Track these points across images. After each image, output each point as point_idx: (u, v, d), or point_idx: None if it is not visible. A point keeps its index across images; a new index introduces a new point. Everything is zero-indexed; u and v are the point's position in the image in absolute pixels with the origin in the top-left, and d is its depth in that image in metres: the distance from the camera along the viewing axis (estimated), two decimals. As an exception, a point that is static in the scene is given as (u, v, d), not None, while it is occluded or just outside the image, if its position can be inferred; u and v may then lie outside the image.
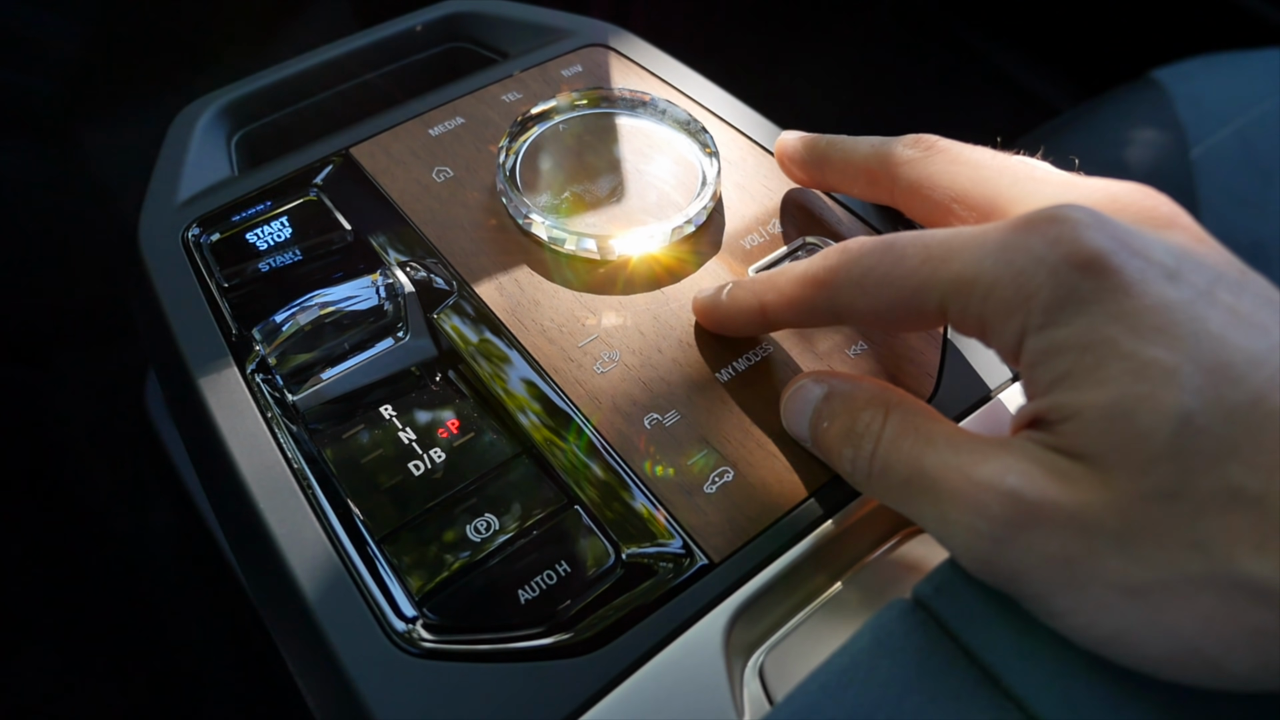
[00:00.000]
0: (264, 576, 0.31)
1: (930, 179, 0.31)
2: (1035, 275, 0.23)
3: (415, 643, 0.27)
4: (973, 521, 0.23)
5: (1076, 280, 0.22)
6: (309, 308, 0.35)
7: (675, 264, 0.37)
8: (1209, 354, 0.21)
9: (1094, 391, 0.22)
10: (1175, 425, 0.20)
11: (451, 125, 0.44)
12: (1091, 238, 0.22)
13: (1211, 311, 0.22)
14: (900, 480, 0.26)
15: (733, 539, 0.29)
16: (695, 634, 0.28)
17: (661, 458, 0.31)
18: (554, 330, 0.35)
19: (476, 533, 0.30)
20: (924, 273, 0.25)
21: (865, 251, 0.27)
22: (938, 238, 0.25)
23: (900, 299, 0.26)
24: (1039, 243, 0.23)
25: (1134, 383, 0.21)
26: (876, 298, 0.27)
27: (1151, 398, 0.21)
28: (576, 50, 0.48)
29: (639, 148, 0.41)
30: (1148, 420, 0.21)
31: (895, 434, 0.26)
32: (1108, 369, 0.21)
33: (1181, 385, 0.20)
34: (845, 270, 0.28)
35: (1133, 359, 0.21)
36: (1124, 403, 0.21)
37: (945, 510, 0.24)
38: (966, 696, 0.23)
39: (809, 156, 0.37)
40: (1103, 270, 0.22)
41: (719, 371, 0.34)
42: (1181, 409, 0.20)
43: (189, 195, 0.41)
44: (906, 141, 0.33)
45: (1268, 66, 0.74)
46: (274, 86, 0.48)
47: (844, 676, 0.23)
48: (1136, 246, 0.23)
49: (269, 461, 0.32)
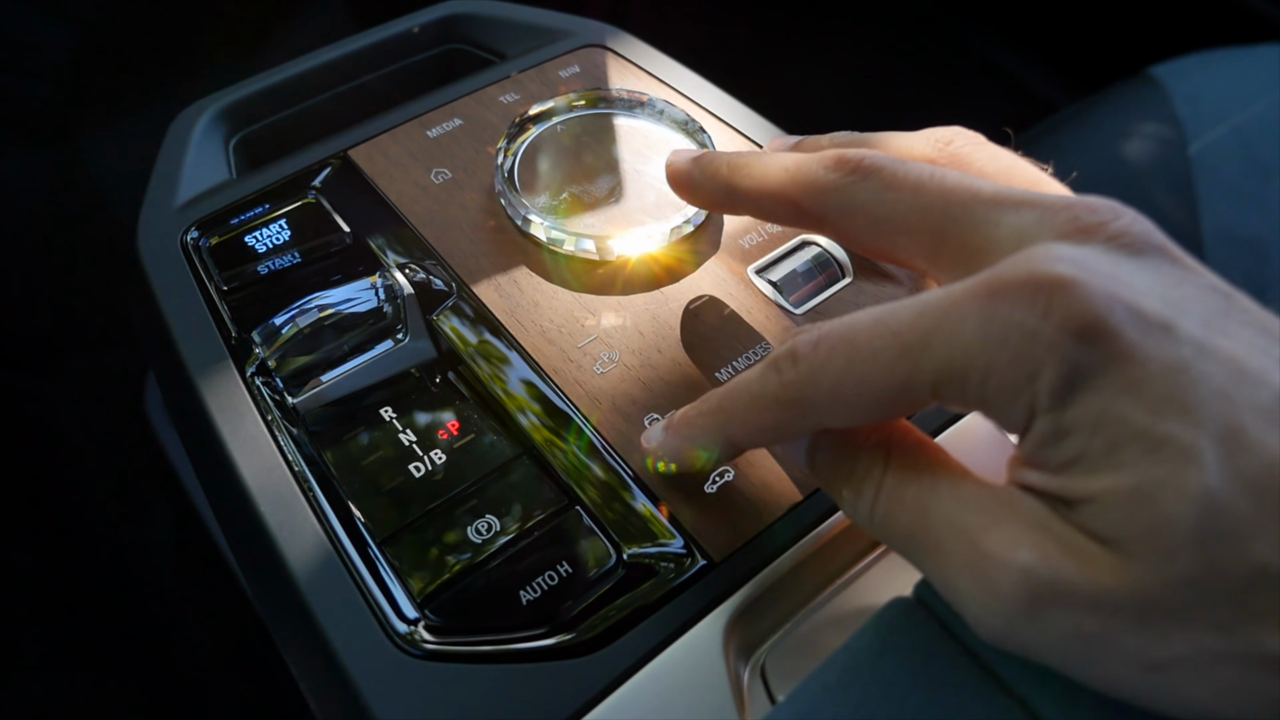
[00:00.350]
0: (265, 579, 0.31)
1: (865, 209, 0.27)
2: (1033, 353, 0.21)
3: (417, 644, 0.27)
4: (983, 597, 0.22)
5: (1079, 354, 0.20)
6: (308, 310, 0.35)
7: (674, 264, 0.37)
8: (1220, 420, 0.20)
9: (1111, 476, 0.20)
10: (1199, 509, 0.19)
11: (449, 127, 0.44)
12: (1084, 301, 0.20)
13: (1214, 368, 0.20)
14: (903, 534, 0.24)
15: (733, 539, 0.29)
16: (697, 634, 0.28)
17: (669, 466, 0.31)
18: (553, 331, 0.35)
19: (477, 534, 0.30)
20: (904, 368, 0.22)
21: (826, 355, 0.24)
22: (904, 321, 0.23)
23: (885, 400, 0.23)
24: (1028, 315, 0.21)
25: (1153, 465, 0.20)
26: (857, 405, 0.24)
27: (1172, 481, 0.19)
28: (574, 51, 0.48)
29: (637, 148, 0.41)
30: (1171, 506, 0.19)
31: (897, 483, 0.24)
32: (1124, 452, 0.20)
33: (1201, 464, 0.19)
34: (813, 382, 0.24)
35: (1147, 438, 0.20)
36: (1144, 487, 0.20)
37: (952, 577, 0.22)
38: (968, 694, 0.23)
39: (710, 179, 0.32)
40: (1101, 336, 0.20)
41: (719, 371, 0.34)
42: (1203, 490, 0.19)
43: (188, 198, 0.41)
44: (827, 163, 0.28)
45: (1265, 63, 0.74)
46: (272, 89, 0.48)
47: (846, 675, 0.23)
48: (1127, 299, 0.21)
49: (270, 464, 0.32)
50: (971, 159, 0.29)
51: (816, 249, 0.37)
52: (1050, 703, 0.22)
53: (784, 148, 0.34)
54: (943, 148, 0.30)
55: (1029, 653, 0.22)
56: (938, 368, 0.22)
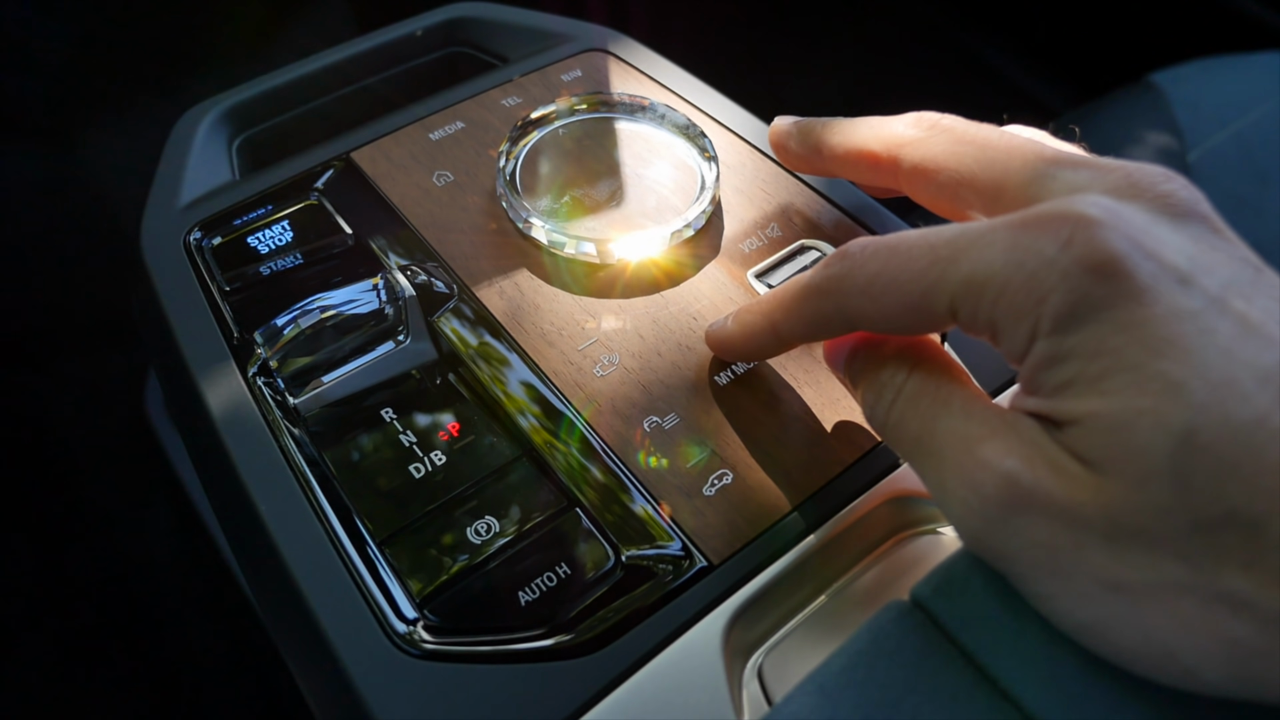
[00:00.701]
0: (265, 579, 0.31)
1: (935, 161, 0.30)
2: (1046, 279, 0.22)
3: (416, 644, 0.27)
4: (967, 496, 0.23)
5: (1088, 285, 0.21)
6: (310, 311, 0.35)
7: (674, 268, 0.37)
8: (1216, 369, 0.20)
9: (1097, 401, 0.21)
10: (1176, 442, 0.20)
11: (452, 129, 0.44)
12: (1105, 239, 0.22)
13: (1221, 322, 0.21)
14: (911, 438, 0.26)
15: (732, 541, 0.30)
16: (694, 635, 0.28)
17: (661, 460, 0.32)
18: (554, 333, 0.35)
19: (477, 535, 0.30)
20: (932, 275, 0.24)
21: (869, 255, 0.26)
22: (944, 236, 0.24)
23: (909, 303, 0.25)
24: (1050, 244, 0.22)
25: (1138, 395, 0.21)
26: (885, 303, 0.26)
27: (1154, 412, 0.20)
28: (576, 55, 0.48)
29: (638, 152, 0.41)
30: (1148, 435, 0.20)
31: (915, 391, 0.26)
32: (1113, 380, 0.21)
33: (1186, 401, 0.20)
34: (850, 277, 0.26)
35: (1139, 371, 0.21)
36: (1125, 415, 0.21)
37: (945, 478, 0.24)
38: (964, 697, 0.23)
39: (805, 140, 0.36)
40: (1115, 274, 0.21)
41: (718, 375, 0.34)
42: (1184, 426, 0.20)
43: (191, 199, 0.42)
44: (908, 120, 0.31)
45: (1265, 70, 0.74)
46: (275, 91, 0.48)
47: (842, 677, 0.24)
48: (1150, 248, 0.22)
49: (271, 464, 0.32)
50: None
51: (815, 253, 0.38)
52: (1047, 705, 0.22)
53: (789, 124, 0.37)
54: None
55: (1002, 561, 0.23)
56: (961, 280, 0.23)
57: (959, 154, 0.29)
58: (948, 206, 0.30)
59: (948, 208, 0.30)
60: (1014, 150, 0.28)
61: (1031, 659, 0.23)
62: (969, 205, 0.29)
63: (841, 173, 0.35)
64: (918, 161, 0.30)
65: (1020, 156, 0.27)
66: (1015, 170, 0.27)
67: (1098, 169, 0.25)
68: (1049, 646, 0.23)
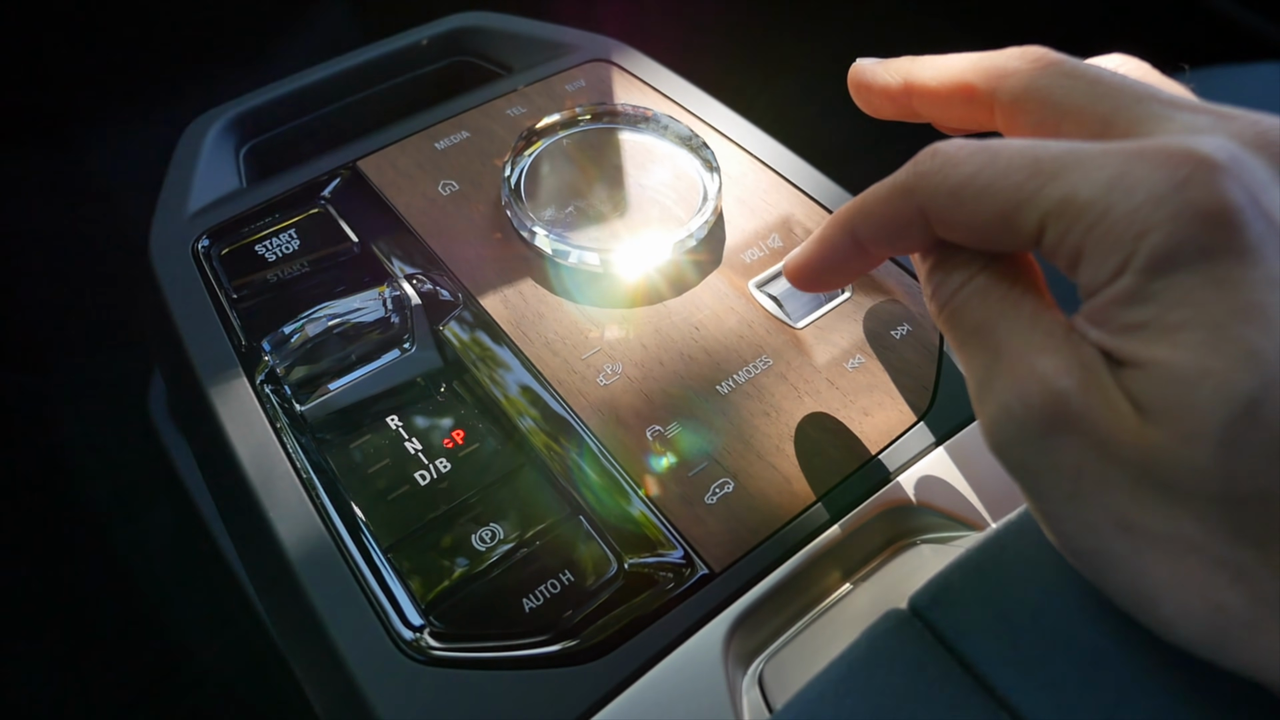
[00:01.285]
0: (272, 585, 0.31)
1: (1040, 93, 0.27)
2: (1153, 215, 0.21)
3: (422, 650, 0.28)
4: (1011, 402, 0.22)
5: (1195, 231, 0.20)
6: (317, 319, 0.36)
7: (677, 277, 0.38)
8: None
9: (1167, 349, 0.20)
10: (1236, 411, 0.19)
11: (457, 139, 0.44)
12: (1224, 187, 0.20)
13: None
14: (970, 326, 0.25)
15: (733, 549, 0.30)
16: (696, 643, 0.28)
17: (663, 469, 0.32)
18: (557, 342, 0.36)
19: (481, 542, 0.31)
20: (1030, 188, 0.23)
21: (964, 157, 0.24)
22: (1051, 150, 0.23)
23: (998, 214, 0.23)
24: (1165, 180, 0.21)
25: (1210, 354, 0.20)
26: (973, 210, 0.24)
27: (1223, 375, 0.20)
28: (580, 65, 0.49)
29: (641, 162, 0.41)
30: (1209, 396, 0.20)
31: (988, 282, 0.25)
32: (1190, 332, 0.20)
33: (1259, 371, 0.19)
34: (942, 175, 0.25)
35: (1219, 331, 0.20)
36: (1191, 371, 0.20)
37: (993, 378, 0.23)
38: (961, 706, 0.23)
39: (894, 78, 0.33)
40: (1224, 227, 0.20)
41: (720, 384, 0.34)
42: (1249, 396, 0.19)
43: (198, 207, 0.42)
44: (1013, 54, 0.29)
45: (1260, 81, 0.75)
46: (282, 99, 0.48)
47: (841, 685, 0.24)
48: (1266, 205, 0.21)
49: (278, 471, 0.32)
50: (1146, 78, 0.29)
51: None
52: (1043, 714, 0.23)
53: (873, 61, 0.34)
54: (1116, 66, 0.30)
55: (1022, 473, 0.23)
56: (1060, 197, 0.22)
57: (1066, 87, 0.27)
58: None
59: None
60: (1126, 88, 0.25)
61: (1028, 668, 0.23)
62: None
63: (928, 110, 0.32)
64: (1020, 92, 0.28)
65: (1134, 94, 0.25)
66: (1127, 106, 0.25)
67: (1220, 115, 0.23)
68: (1047, 656, 0.23)
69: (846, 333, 0.36)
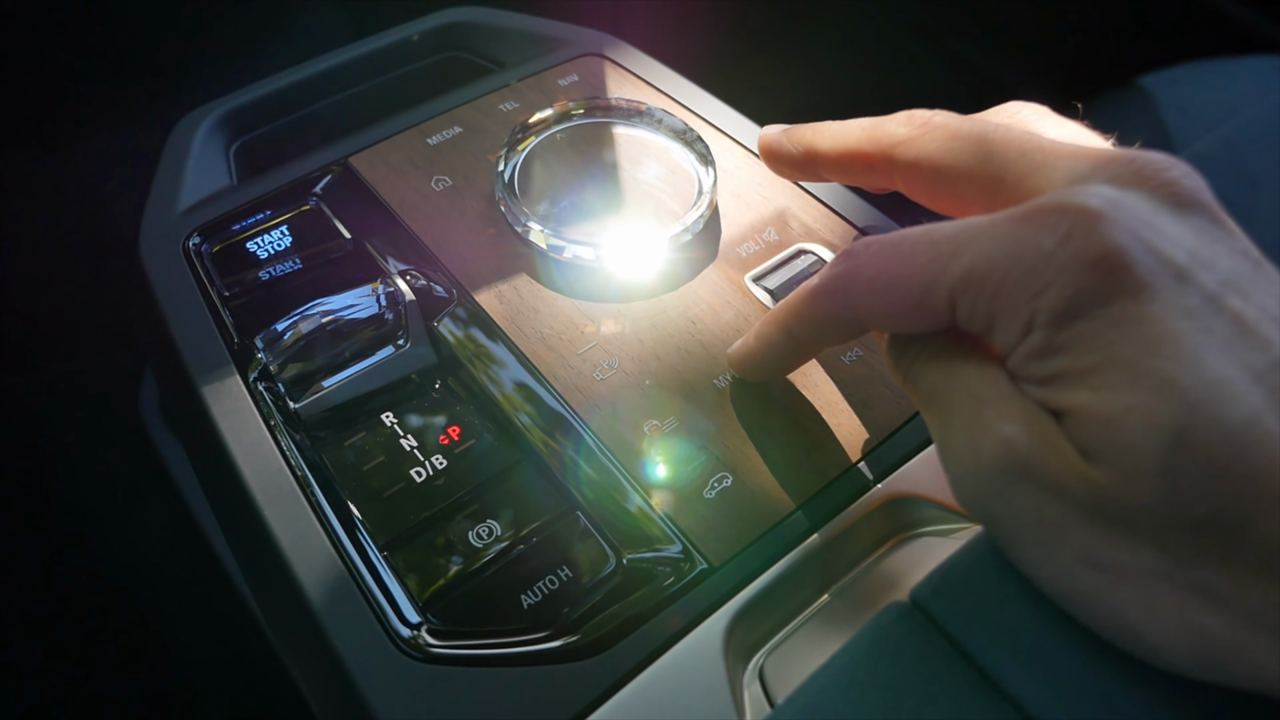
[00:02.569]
0: (268, 584, 0.31)
1: (930, 158, 0.29)
2: (1044, 273, 0.22)
3: (420, 648, 0.28)
4: (966, 456, 0.23)
5: (1085, 280, 0.21)
6: (310, 316, 0.35)
7: (672, 272, 0.38)
8: (1210, 368, 0.20)
9: (1086, 394, 0.21)
10: (1166, 441, 0.20)
11: (449, 134, 0.44)
12: (1105, 232, 0.21)
13: (1216, 321, 0.21)
14: (927, 390, 0.26)
15: (732, 543, 0.30)
16: (696, 637, 0.28)
17: (661, 464, 0.32)
18: (553, 338, 0.35)
19: (478, 538, 0.30)
20: (932, 270, 0.24)
21: (873, 253, 0.26)
22: (945, 232, 0.24)
23: (912, 300, 0.25)
24: (1049, 238, 0.22)
25: (1128, 391, 0.21)
26: (889, 300, 0.26)
27: (1144, 409, 0.20)
28: (573, 60, 0.48)
29: (635, 157, 0.41)
30: (1138, 432, 0.20)
31: (939, 348, 0.26)
32: (1104, 375, 0.21)
33: (1179, 399, 0.20)
34: (855, 275, 0.27)
35: (1131, 367, 0.21)
36: (1114, 410, 0.21)
37: (950, 435, 0.24)
38: (964, 698, 0.23)
39: (796, 148, 0.35)
40: (1112, 270, 0.21)
41: (717, 378, 0.34)
42: (1175, 424, 0.20)
43: (189, 204, 0.42)
44: (899, 120, 0.31)
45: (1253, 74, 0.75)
46: (272, 96, 0.48)
47: (843, 679, 0.24)
48: (1151, 242, 0.22)
49: (273, 469, 0.32)
50: (1035, 126, 0.30)
51: (812, 257, 0.38)
52: (1046, 705, 0.22)
53: (777, 132, 0.36)
54: (1010, 118, 0.31)
55: (991, 524, 0.24)
56: (961, 273, 0.23)
57: (954, 150, 0.29)
58: (946, 204, 0.30)
59: (947, 205, 0.30)
60: (1010, 143, 0.27)
61: (1030, 659, 0.23)
62: (968, 201, 0.29)
63: (836, 177, 0.34)
64: (912, 160, 0.30)
65: (1017, 148, 0.27)
66: (1013, 163, 0.27)
67: (1099, 158, 0.25)
68: (1049, 647, 0.23)
69: (844, 326, 0.36)
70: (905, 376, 0.27)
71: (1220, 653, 0.20)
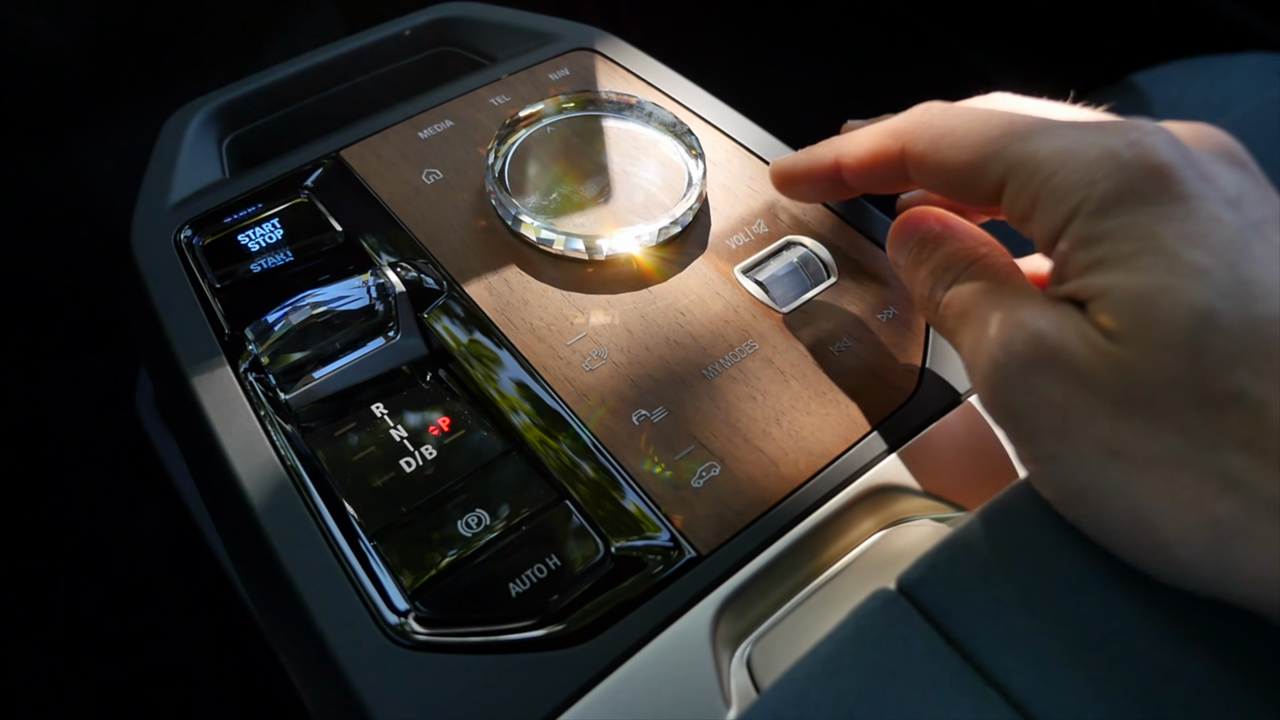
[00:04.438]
0: (258, 573, 0.31)
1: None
2: (1103, 166, 0.23)
3: (408, 635, 0.28)
4: (997, 353, 0.24)
5: (1140, 180, 0.23)
6: (301, 307, 0.35)
7: (662, 264, 0.38)
8: (1245, 269, 0.21)
9: (1125, 276, 0.22)
10: (1196, 319, 0.21)
11: (440, 128, 0.44)
12: (1167, 149, 0.23)
13: (1257, 240, 0.22)
14: (960, 310, 0.27)
15: (720, 532, 0.30)
16: (683, 625, 0.28)
17: (650, 453, 0.32)
18: (543, 329, 0.36)
19: (467, 528, 0.30)
20: (1000, 144, 0.26)
21: (953, 113, 0.28)
22: (1025, 117, 0.26)
23: (968, 164, 0.27)
24: (1117, 141, 0.24)
25: (1165, 274, 0.22)
26: (946, 158, 0.27)
27: (1178, 289, 0.21)
28: (564, 54, 0.48)
29: (626, 150, 0.41)
30: (1169, 309, 0.21)
31: (978, 272, 0.27)
32: (1144, 259, 0.22)
33: (1211, 285, 0.21)
34: (927, 125, 0.28)
35: (1171, 255, 0.22)
36: (1149, 289, 0.22)
37: (981, 340, 0.25)
38: (949, 683, 0.23)
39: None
40: (1168, 178, 0.23)
41: (706, 369, 0.34)
42: (1205, 306, 0.21)
43: (181, 197, 0.42)
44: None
45: (1245, 71, 0.75)
46: (265, 90, 0.48)
47: (829, 665, 0.24)
48: (1205, 170, 0.23)
49: (263, 460, 0.32)
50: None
51: (802, 249, 0.38)
52: (1030, 690, 0.23)
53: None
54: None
55: (1014, 418, 0.25)
56: (1023, 154, 0.25)
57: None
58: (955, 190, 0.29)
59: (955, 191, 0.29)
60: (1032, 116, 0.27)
61: (1015, 645, 0.23)
62: (982, 192, 0.28)
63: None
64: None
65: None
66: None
67: (1162, 123, 0.26)
68: (1033, 633, 0.23)
69: (832, 317, 0.36)
70: (939, 303, 0.28)
71: (1234, 546, 0.21)
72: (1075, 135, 0.24)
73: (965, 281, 0.27)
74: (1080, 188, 0.24)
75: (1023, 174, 0.25)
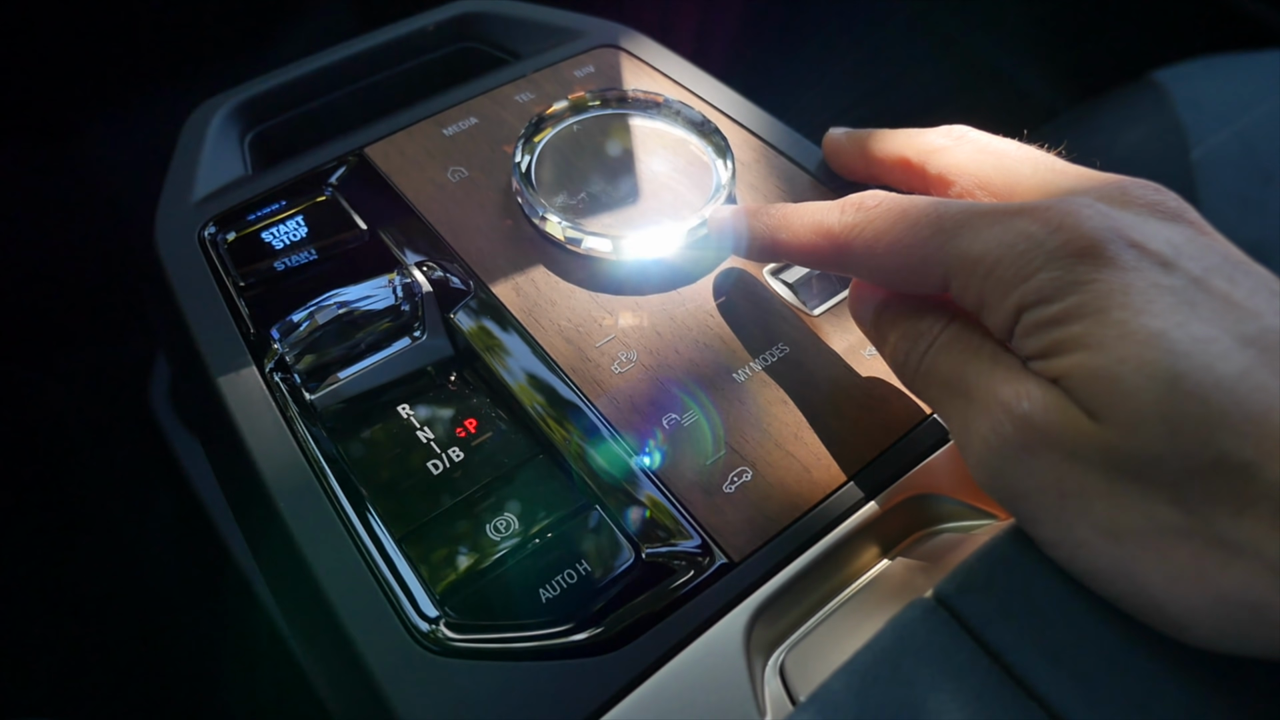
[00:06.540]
0: (284, 576, 0.31)
1: (959, 166, 0.33)
2: (1034, 259, 0.24)
3: (439, 641, 0.27)
4: (987, 435, 0.24)
5: (1072, 264, 0.23)
6: (326, 307, 0.35)
7: (691, 265, 0.37)
8: (1198, 327, 0.21)
9: (1084, 355, 0.22)
10: (1163, 387, 0.21)
11: (465, 125, 0.44)
12: (1091, 226, 0.23)
13: (1201, 296, 0.22)
14: (941, 381, 0.27)
15: (752, 538, 0.30)
16: (716, 633, 0.28)
17: (680, 458, 0.32)
18: (571, 330, 0.35)
19: (496, 531, 0.30)
20: (933, 245, 0.26)
21: (881, 212, 0.28)
22: (951, 210, 0.26)
23: (907, 266, 0.27)
24: (1040, 229, 0.24)
25: (1121, 346, 0.22)
26: (885, 261, 0.28)
27: (1137, 358, 0.21)
28: (589, 51, 0.48)
29: (653, 148, 0.41)
30: (1134, 380, 0.21)
31: (950, 339, 0.27)
32: (1096, 335, 0.22)
33: (1169, 348, 0.21)
34: (860, 230, 0.29)
35: (1121, 326, 0.22)
36: (1110, 364, 0.22)
37: (970, 419, 0.25)
38: (989, 696, 0.23)
39: (855, 149, 0.39)
40: (1097, 258, 0.23)
41: (736, 372, 0.34)
42: (1169, 371, 0.21)
43: (204, 194, 0.41)
44: (940, 131, 0.34)
45: (1267, 68, 0.74)
46: (287, 86, 0.48)
47: (867, 676, 0.24)
48: (1134, 237, 0.23)
49: (289, 461, 0.32)
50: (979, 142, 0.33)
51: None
52: (1071, 703, 0.22)
53: (841, 134, 0.40)
54: (956, 139, 0.34)
55: (1014, 502, 0.24)
56: (958, 254, 0.26)
57: (979, 160, 0.32)
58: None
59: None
60: (1026, 159, 0.31)
61: (1056, 657, 0.23)
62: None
63: (884, 177, 0.37)
64: (944, 167, 0.33)
65: (1031, 164, 0.30)
66: (1026, 175, 0.30)
67: (1097, 181, 0.28)
68: (1074, 644, 0.23)
69: (863, 320, 0.36)
70: (916, 373, 0.28)
71: (1244, 619, 0.21)
72: (1001, 228, 0.25)
73: (941, 351, 0.27)
74: (1017, 283, 0.24)
75: (962, 274, 0.25)
